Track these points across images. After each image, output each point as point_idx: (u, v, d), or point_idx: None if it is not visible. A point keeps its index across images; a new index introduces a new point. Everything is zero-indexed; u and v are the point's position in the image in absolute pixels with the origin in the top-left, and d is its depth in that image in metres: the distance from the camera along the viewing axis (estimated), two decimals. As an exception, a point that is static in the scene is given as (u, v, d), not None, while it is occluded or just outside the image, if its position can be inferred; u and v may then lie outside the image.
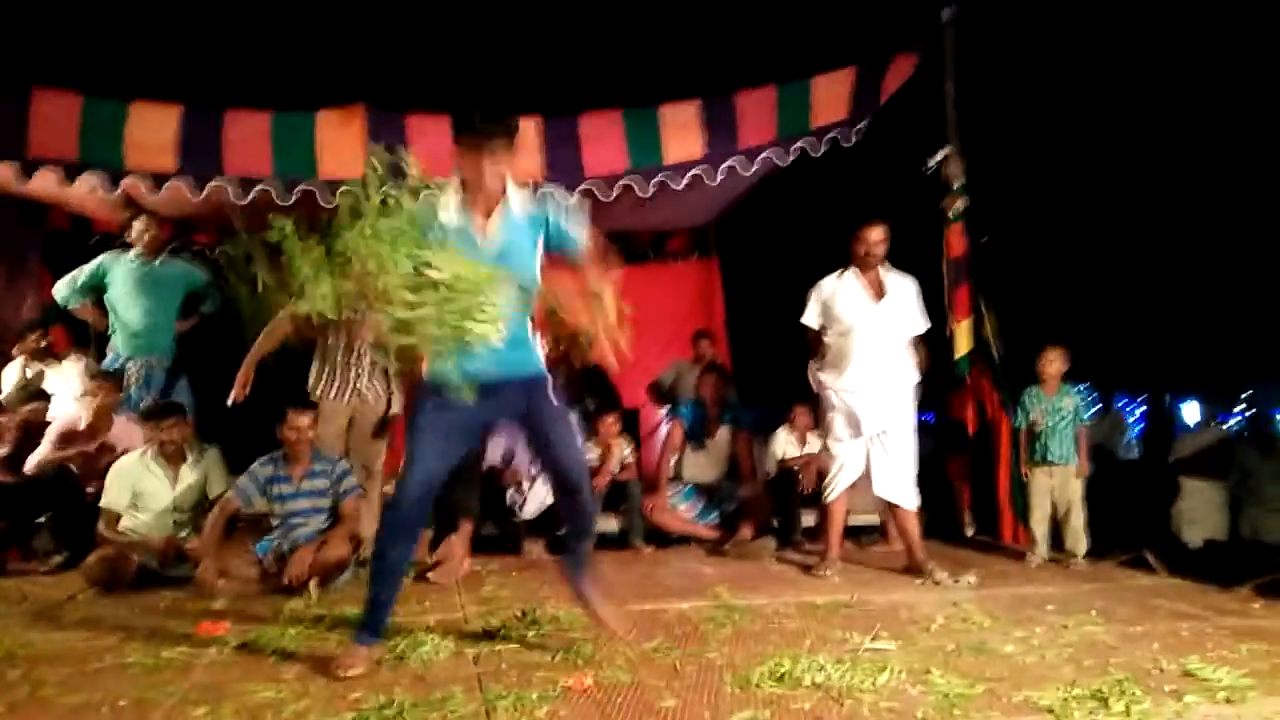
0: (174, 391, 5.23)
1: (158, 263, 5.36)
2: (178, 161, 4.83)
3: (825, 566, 4.32)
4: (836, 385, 4.37)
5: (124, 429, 4.82)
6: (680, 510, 5.30)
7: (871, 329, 4.31)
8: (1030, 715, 2.35)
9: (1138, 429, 13.12)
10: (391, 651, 2.86)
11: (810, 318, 4.51)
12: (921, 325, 4.49)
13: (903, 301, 4.39)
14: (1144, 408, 14.50)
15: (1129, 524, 5.18)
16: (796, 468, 5.29)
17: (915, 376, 4.44)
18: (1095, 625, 3.28)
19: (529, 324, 2.83)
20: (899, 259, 4.49)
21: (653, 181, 5.20)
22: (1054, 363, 4.78)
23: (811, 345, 4.54)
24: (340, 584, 3.99)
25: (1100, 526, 4.71)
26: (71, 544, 4.55)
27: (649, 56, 8.37)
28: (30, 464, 4.66)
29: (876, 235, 4.32)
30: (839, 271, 4.45)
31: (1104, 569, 4.46)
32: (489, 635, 3.09)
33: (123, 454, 4.44)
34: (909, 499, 4.37)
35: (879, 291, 4.36)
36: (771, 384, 6.58)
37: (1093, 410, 5.07)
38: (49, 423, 4.89)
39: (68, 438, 4.74)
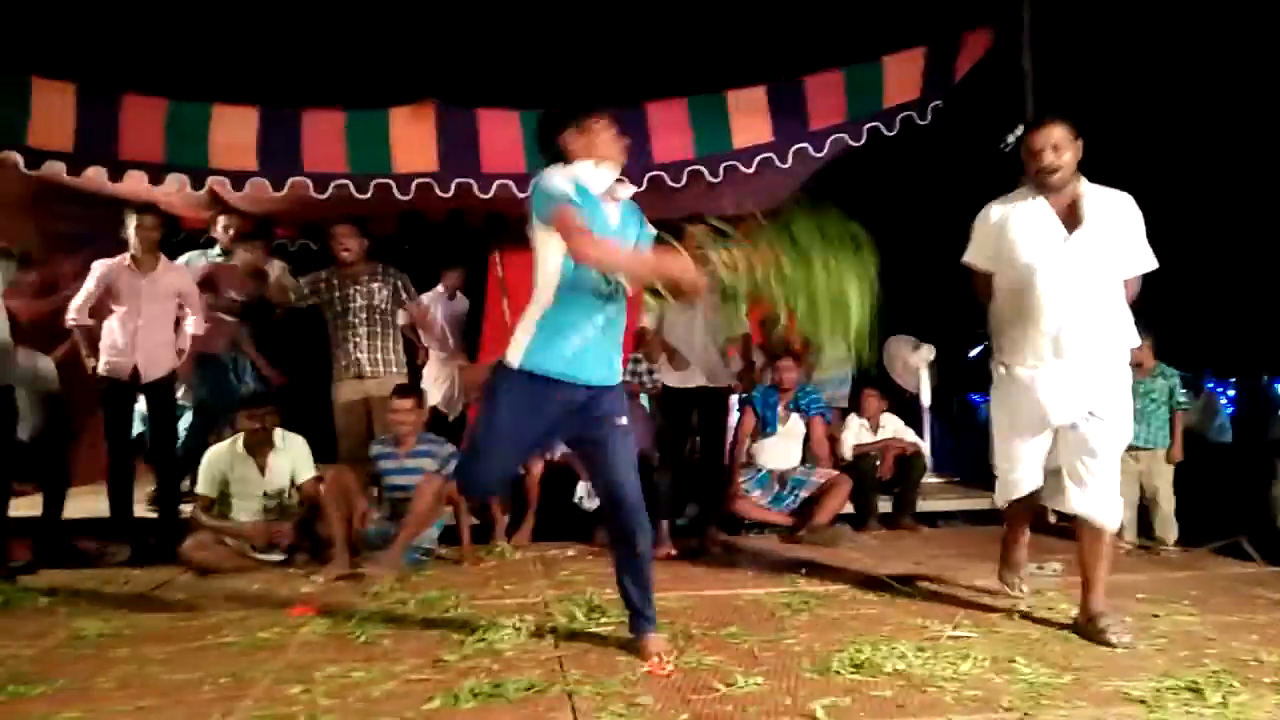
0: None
1: (242, 256, 5.55)
2: (259, 160, 5.01)
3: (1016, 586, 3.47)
4: (1011, 359, 3.11)
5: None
6: (754, 496, 5.28)
7: (1062, 271, 2.96)
8: (1121, 706, 2.28)
9: (1230, 411, 12.58)
10: (472, 635, 2.92)
11: (977, 254, 3.20)
12: (1146, 261, 3.05)
13: (1112, 229, 2.99)
14: (1235, 390, 13.88)
15: (1222, 510, 4.98)
16: (874, 453, 5.22)
17: (1134, 341, 3.08)
18: (1188, 615, 3.17)
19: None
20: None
21: (723, 165, 5.20)
22: None
23: (978, 294, 3.26)
24: (421, 566, 4.12)
25: (1192, 513, 4.53)
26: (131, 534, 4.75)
27: (713, 43, 8.31)
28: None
29: (1054, 135, 2.96)
30: (1021, 190, 3.12)
31: (1196, 557, 4.29)
32: (568, 619, 3.13)
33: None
34: (1108, 515, 3.06)
35: (1073, 218, 3.00)
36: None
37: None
38: None
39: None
